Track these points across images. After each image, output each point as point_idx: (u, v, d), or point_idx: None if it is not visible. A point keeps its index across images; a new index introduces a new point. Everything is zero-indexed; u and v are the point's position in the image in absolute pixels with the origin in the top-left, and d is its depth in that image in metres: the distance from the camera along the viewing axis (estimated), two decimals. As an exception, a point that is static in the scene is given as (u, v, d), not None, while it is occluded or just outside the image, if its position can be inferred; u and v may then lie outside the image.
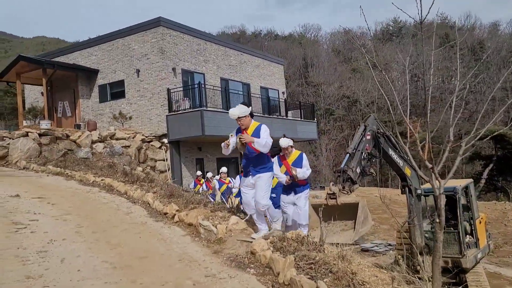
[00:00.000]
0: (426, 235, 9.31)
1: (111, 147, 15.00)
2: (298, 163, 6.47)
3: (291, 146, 6.72)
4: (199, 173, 13.97)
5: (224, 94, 19.00)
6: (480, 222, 9.83)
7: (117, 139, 15.81)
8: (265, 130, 5.28)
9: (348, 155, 7.86)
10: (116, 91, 19.01)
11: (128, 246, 5.21)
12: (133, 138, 16.47)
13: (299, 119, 23.31)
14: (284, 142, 6.66)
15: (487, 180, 30.52)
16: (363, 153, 7.95)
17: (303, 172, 6.31)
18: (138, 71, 18.16)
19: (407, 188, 9.11)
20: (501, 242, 13.15)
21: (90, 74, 19.40)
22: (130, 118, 17.66)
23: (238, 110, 5.27)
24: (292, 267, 3.72)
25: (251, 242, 4.71)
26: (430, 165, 3.91)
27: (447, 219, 9.79)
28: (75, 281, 4.08)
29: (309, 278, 3.51)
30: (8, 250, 4.95)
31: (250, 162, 5.29)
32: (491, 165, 30.02)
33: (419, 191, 9.17)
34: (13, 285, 3.94)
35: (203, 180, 13.47)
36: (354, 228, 7.49)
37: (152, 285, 3.94)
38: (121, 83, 18.79)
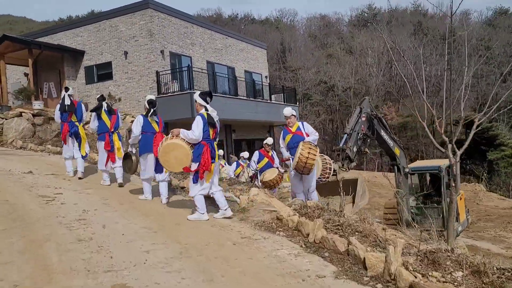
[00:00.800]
0: (412, 210, 10.14)
1: (103, 128, 15.13)
2: (301, 130, 6.94)
3: (294, 116, 7.06)
4: (270, 140, 9.12)
5: (211, 77, 19.34)
6: (460, 199, 10.74)
7: (108, 120, 15.94)
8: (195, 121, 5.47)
9: (346, 135, 8.51)
10: (103, 72, 19.02)
11: (159, 215, 5.69)
12: (123, 119, 16.62)
13: (282, 103, 23.87)
14: (288, 110, 7.06)
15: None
16: (359, 134, 8.61)
17: (313, 138, 6.75)
18: (126, 53, 18.22)
19: (395, 167, 9.87)
20: (475, 219, 14.26)
21: (76, 55, 19.28)
22: (119, 99, 17.78)
23: None
24: (321, 228, 4.30)
25: (275, 210, 5.28)
26: (446, 138, 4.56)
27: (430, 195, 10.70)
28: (124, 243, 4.55)
29: (339, 236, 4.12)
30: (50, 218, 5.35)
31: None
32: (461, 149, 31.48)
33: (406, 170, 9.96)
34: (71, 246, 4.37)
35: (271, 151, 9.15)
36: (353, 202, 8.18)
37: (197, 245, 4.46)
38: (108, 64, 18.80)
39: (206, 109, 5.54)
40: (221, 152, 11.70)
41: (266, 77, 26.31)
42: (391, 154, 9.83)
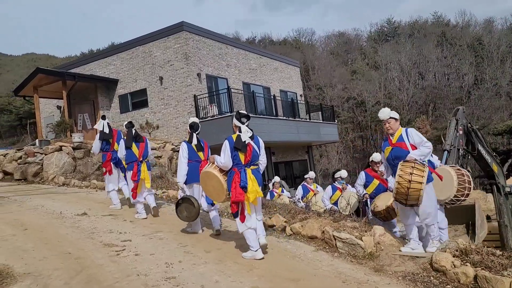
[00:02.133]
0: (516, 235, 8.69)
1: (144, 158, 14.18)
2: (403, 141, 4.96)
3: (395, 119, 5.07)
4: (377, 157, 6.72)
5: (249, 99, 18.35)
6: None
7: (148, 149, 15.01)
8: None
9: (446, 152, 7.25)
10: (138, 100, 18.26)
11: (263, 267, 4.51)
12: (163, 147, 15.71)
13: (321, 121, 22.72)
14: (384, 112, 5.13)
15: (506, 175, 30.13)
16: (460, 150, 7.35)
17: (419, 153, 4.78)
18: (161, 78, 17.45)
19: (494, 186, 8.52)
20: None
21: (109, 84, 18.63)
22: (157, 127, 16.90)
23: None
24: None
25: (421, 256, 4.04)
26: None
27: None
28: (244, 315, 3.38)
29: None
30: (130, 278, 4.22)
31: None
32: (510, 160, 29.59)
33: (507, 189, 8.58)
34: (177, 324, 3.22)
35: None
36: (468, 233, 6.81)
37: (348, 315, 3.25)
38: (143, 92, 18.05)
39: (240, 131, 4.96)
40: (276, 178, 10.51)
41: (301, 95, 25.27)
42: (488, 172, 8.50)
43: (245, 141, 4.84)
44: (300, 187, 9.21)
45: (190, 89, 16.88)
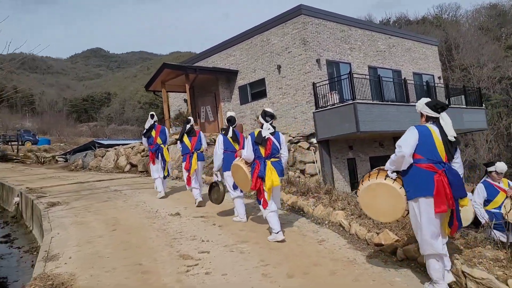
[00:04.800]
0: None
1: (260, 150, 13.65)
2: None
3: None
4: (502, 166, 5.67)
5: (373, 84, 16.44)
6: None
7: (264, 141, 14.46)
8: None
9: None
10: (256, 91, 17.88)
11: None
12: (280, 139, 15.04)
13: (464, 106, 19.52)
14: None
15: None
16: None
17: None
18: (279, 67, 16.72)
19: None
20: None
21: (230, 75, 18.64)
22: (275, 118, 16.24)
23: None
24: None
25: None
26: None
27: None
28: None
29: None
30: (185, 310, 3.44)
31: None
32: None
33: None
34: None
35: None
36: None
37: None
38: (261, 82, 17.59)
39: (262, 127, 5.46)
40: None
41: (439, 77, 22.16)
42: None
43: (265, 136, 5.31)
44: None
45: (309, 77, 15.81)
